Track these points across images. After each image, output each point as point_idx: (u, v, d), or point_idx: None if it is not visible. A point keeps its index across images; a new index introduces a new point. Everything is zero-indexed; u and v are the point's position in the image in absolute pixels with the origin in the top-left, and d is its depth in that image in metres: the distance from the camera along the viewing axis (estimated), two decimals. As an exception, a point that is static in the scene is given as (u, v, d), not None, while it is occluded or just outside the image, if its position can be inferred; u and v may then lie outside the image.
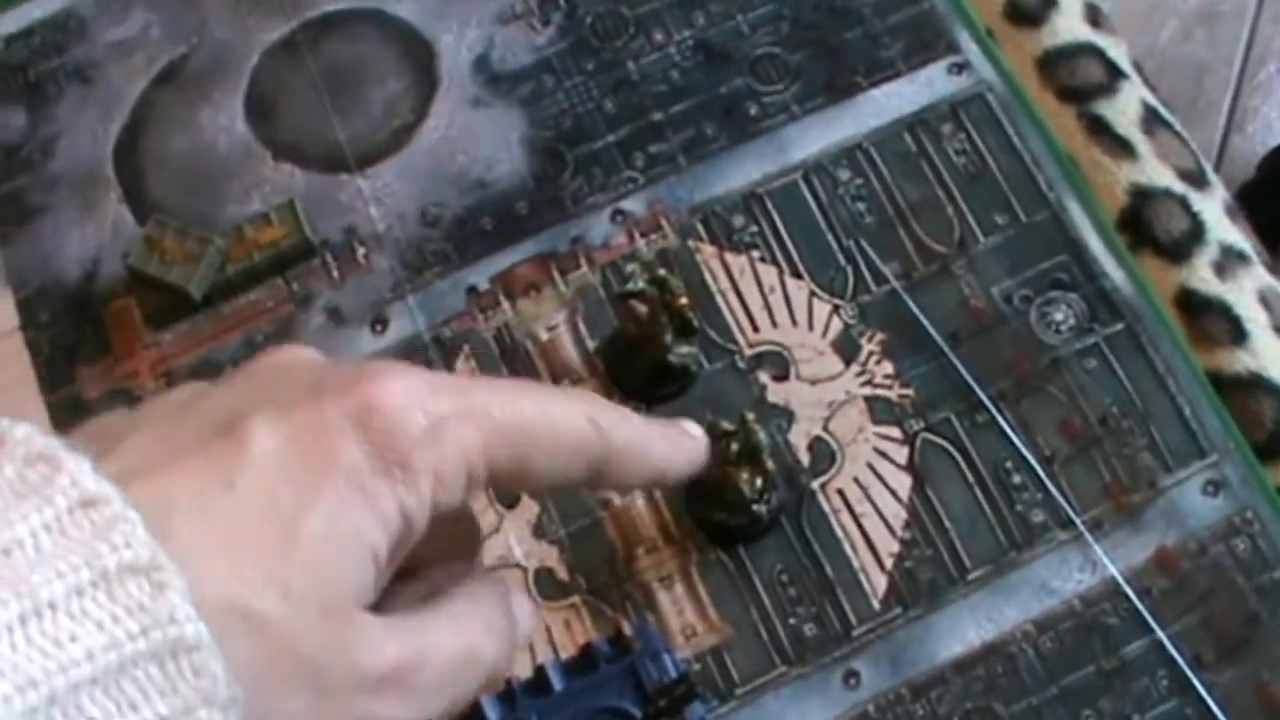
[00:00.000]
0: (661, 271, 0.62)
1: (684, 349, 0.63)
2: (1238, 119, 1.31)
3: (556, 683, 0.56)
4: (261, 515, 0.33)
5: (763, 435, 0.59)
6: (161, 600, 0.30)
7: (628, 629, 0.55)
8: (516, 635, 0.43)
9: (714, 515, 0.61)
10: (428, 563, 0.41)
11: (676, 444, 0.47)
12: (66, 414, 0.66)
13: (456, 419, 0.37)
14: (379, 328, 0.67)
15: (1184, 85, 1.32)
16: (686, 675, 0.53)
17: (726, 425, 0.59)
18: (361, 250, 0.68)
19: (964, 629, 0.61)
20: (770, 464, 0.60)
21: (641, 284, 0.62)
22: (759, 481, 0.60)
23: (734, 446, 0.59)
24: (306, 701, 0.34)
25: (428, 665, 0.38)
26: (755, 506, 0.60)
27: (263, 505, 0.33)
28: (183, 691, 0.30)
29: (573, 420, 0.41)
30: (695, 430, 0.49)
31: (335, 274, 0.68)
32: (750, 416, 0.59)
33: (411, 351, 0.66)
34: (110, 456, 0.33)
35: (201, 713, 0.30)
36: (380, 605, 0.37)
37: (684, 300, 0.61)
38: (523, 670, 0.55)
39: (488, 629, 0.41)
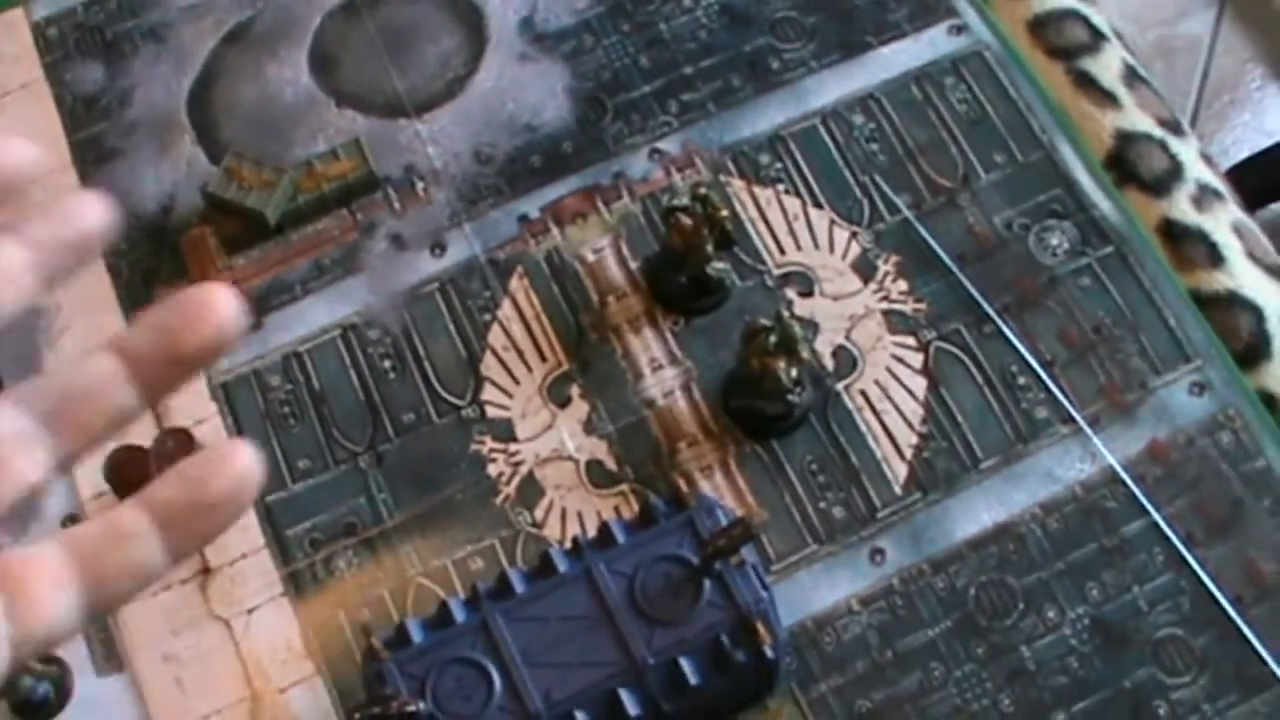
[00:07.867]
0: (703, 190, 0.68)
1: (720, 264, 0.70)
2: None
3: (620, 536, 0.61)
4: None
5: (797, 328, 0.65)
6: None
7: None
8: None
9: (753, 404, 0.67)
10: None
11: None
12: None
13: None
14: (438, 251, 0.73)
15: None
16: (743, 519, 0.58)
17: (765, 321, 0.66)
18: (420, 184, 0.75)
19: (978, 511, 0.67)
20: (805, 353, 0.66)
21: (686, 200, 0.68)
22: (795, 371, 0.66)
23: (771, 339, 0.65)
24: None
25: None
26: (790, 395, 0.67)
27: None
28: None
29: None
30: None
31: (397, 205, 0.74)
32: (785, 313, 0.66)
33: (469, 272, 0.72)
34: None
35: None
36: None
37: (724, 213, 0.68)
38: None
39: None
